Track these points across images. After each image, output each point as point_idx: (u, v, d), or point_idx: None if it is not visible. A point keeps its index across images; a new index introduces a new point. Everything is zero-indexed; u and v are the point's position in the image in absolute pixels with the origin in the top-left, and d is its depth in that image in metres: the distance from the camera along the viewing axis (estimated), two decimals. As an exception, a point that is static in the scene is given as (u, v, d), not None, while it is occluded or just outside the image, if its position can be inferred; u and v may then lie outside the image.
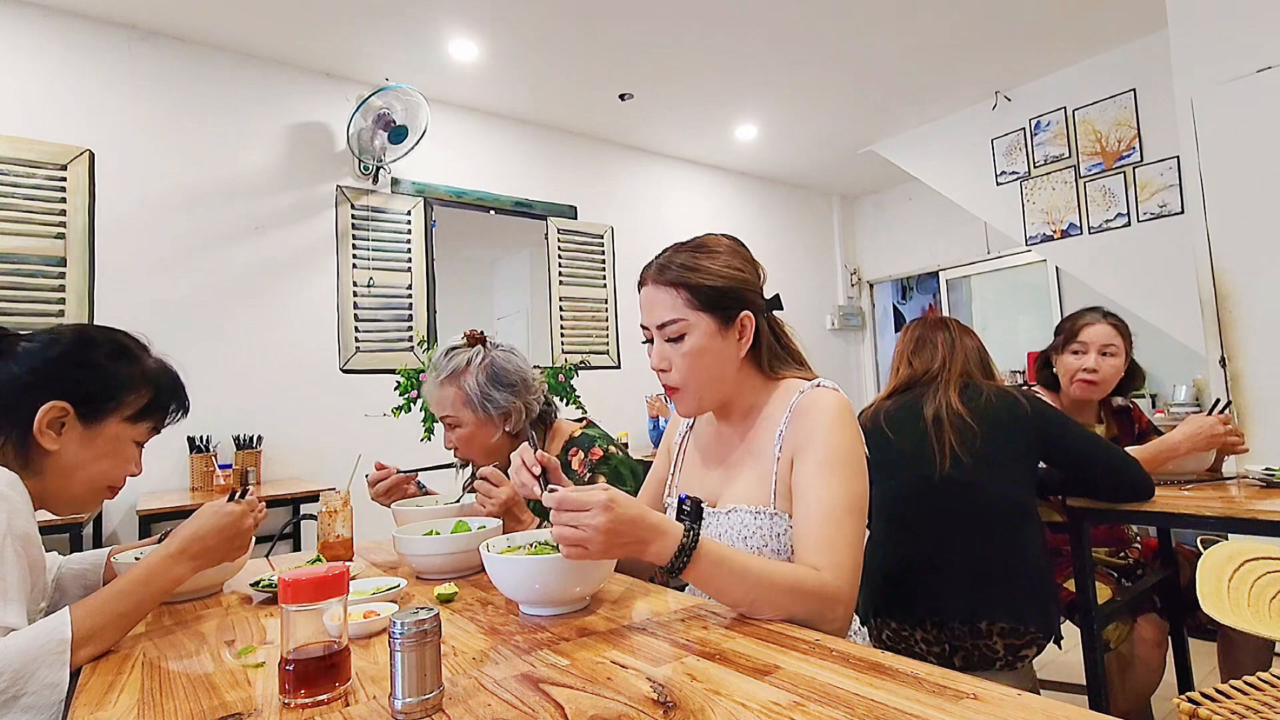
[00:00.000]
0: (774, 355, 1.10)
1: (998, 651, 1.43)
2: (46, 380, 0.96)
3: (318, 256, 3.34)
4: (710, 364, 1.04)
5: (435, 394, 1.51)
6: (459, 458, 1.55)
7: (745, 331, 1.06)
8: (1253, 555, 1.05)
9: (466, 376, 1.48)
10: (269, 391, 3.14)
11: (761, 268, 1.13)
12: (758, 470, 1.04)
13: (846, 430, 0.98)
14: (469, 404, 1.48)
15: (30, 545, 0.90)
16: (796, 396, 1.03)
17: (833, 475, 0.95)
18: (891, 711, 0.58)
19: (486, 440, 1.50)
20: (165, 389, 1.08)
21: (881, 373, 5.72)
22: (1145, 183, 3.53)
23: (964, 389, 1.59)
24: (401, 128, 3.28)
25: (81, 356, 1.00)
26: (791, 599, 0.85)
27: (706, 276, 1.04)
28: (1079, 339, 1.93)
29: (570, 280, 4.20)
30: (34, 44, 2.76)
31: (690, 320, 1.03)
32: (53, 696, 0.79)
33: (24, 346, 0.99)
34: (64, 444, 0.97)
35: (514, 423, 1.51)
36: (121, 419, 1.02)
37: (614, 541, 0.81)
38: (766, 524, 1.00)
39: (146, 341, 1.10)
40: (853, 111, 4.22)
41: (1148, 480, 1.60)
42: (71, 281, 2.74)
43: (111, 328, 1.08)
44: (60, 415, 0.96)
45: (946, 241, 5.19)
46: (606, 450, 1.49)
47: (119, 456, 1.03)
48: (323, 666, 0.68)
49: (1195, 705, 0.58)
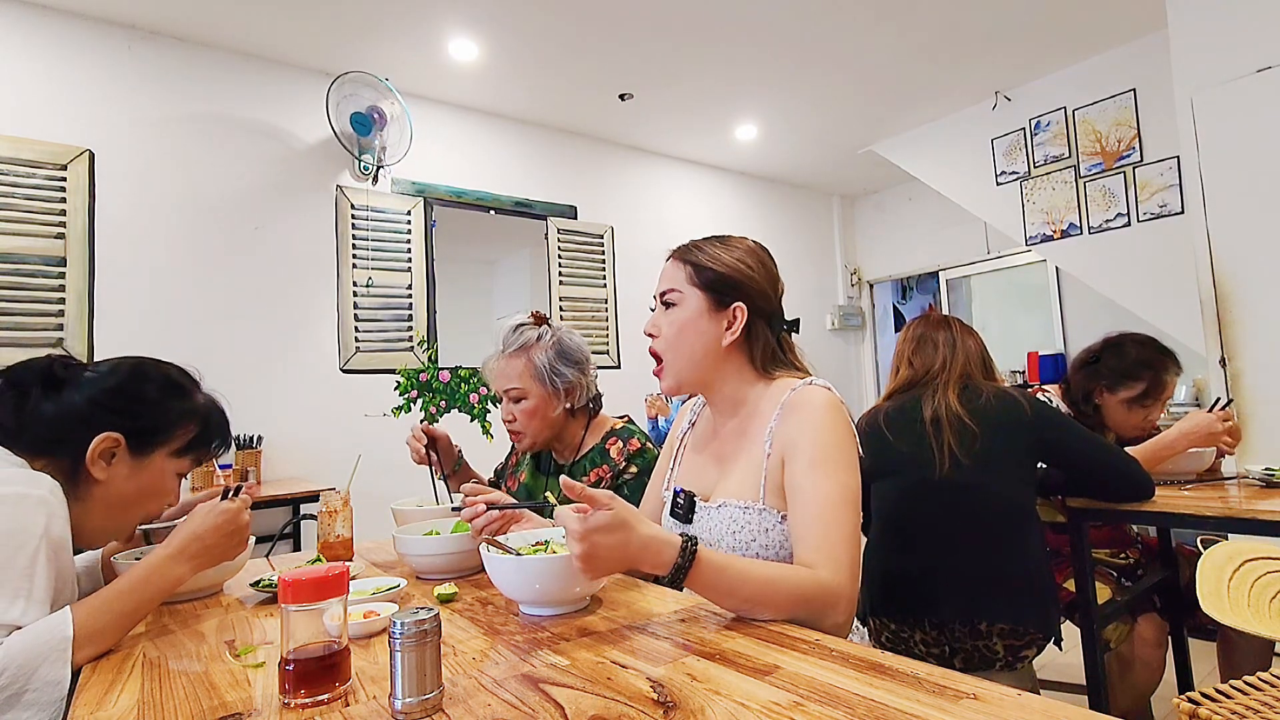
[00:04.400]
0: (770, 358, 1.12)
1: (997, 652, 1.43)
2: (102, 411, 0.99)
3: (317, 256, 3.33)
4: (690, 339, 1.09)
5: (501, 367, 1.53)
6: (517, 430, 1.54)
7: (735, 321, 1.09)
8: (1253, 555, 1.05)
9: (536, 350, 1.52)
10: (269, 391, 3.14)
11: (781, 283, 1.16)
12: (749, 466, 1.05)
13: (836, 426, 0.99)
14: (538, 377, 1.51)
15: (62, 551, 0.91)
16: (787, 394, 1.04)
17: (824, 472, 0.96)
18: (891, 711, 0.58)
19: (549, 414, 1.52)
20: (212, 425, 1.11)
21: (882, 373, 5.71)
22: (1145, 183, 3.53)
23: (963, 390, 1.58)
24: (365, 119, 3.26)
25: (136, 390, 1.03)
26: (792, 601, 0.86)
27: (713, 261, 1.10)
28: (1163, 394, 1.82)
29: (570, 280, 4.20)
30: (34, 44, 2.76)
31: (685, 293, 1.11)
32: (54, 694, 0.79)
33: (87, 376, 1.02)
34: (112, 474, 0.99)
35: (577, 399, 1.55)
36: (168, 453, 1.05)
37: (597, 566, 0.82)
38: (755, 519, 1.01)
39: (198, 376, 1.13)
40: (853, 111, 4.22)
41: (1148, 480, 1.60)
42: (71, 281, 2.74)
43: (166, 362, 1.11)
44: (113, 446, 0.99)
45: (946, 241, 5.19)
46: (644, 445, 1.52)
47: (160, 489, 1.06)
48: (323, 666, 0.68)
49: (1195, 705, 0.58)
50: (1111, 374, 1.85)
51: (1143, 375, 1.82)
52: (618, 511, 0.81)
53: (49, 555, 0.87)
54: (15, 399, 0.97)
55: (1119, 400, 1.85)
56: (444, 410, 3.61)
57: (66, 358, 1.04)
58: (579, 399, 1.56)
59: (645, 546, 0.82)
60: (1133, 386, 1.83)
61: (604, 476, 1.48)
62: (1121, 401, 1.85)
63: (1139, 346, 1.86)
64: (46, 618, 0.84)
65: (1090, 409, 1.90)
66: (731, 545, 1.02)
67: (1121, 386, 1.84)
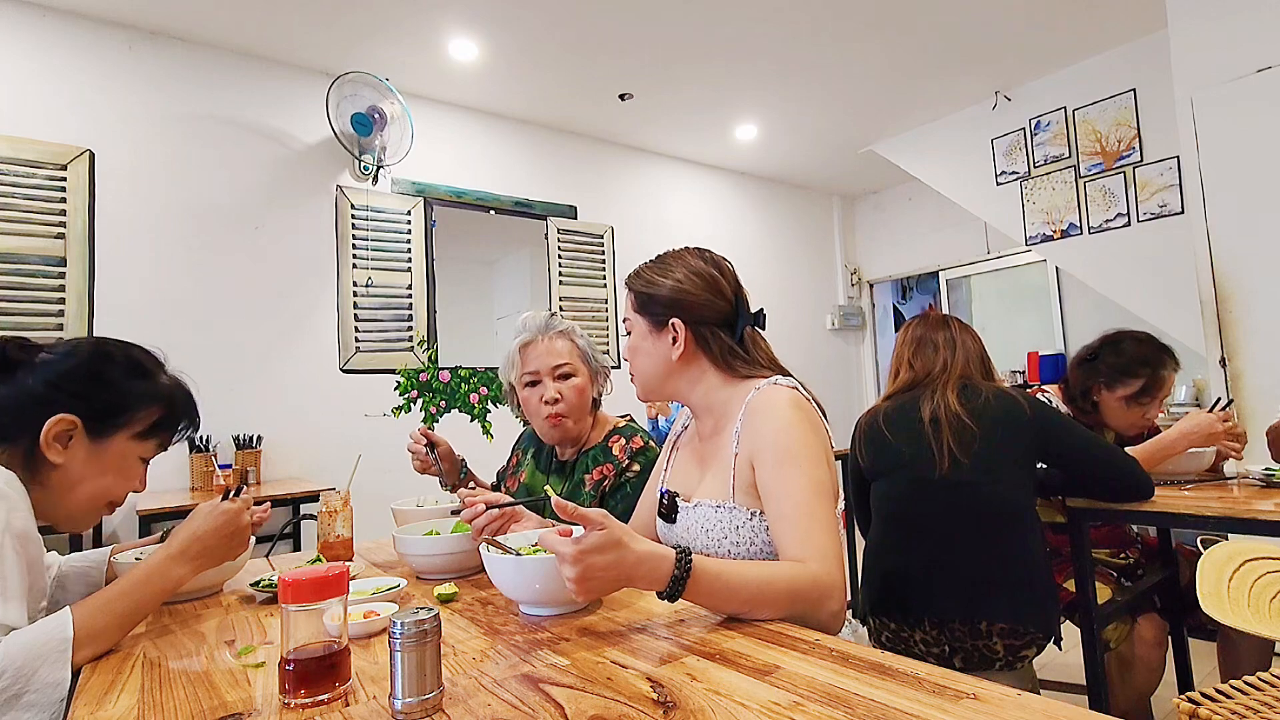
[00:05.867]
0: (734, 358, 1.13)
1: (997, 652, 1.43)
2: (58, 393, 0.96)
3: (317, 256, 3.33)
4: (643, 360, 1.17)
5: (548, 346, 1.51)
6: (559, 412, 1.48)
7: (677, 335, 1.13)
8: (1253, 555, 1.05)
9: (576, 335, 1.55)
10: (269, 391, 3.14)
11: (728, 284, 1.16)
12: (721, 467, 1.08)
13: (797, 424, 1.01)
14: (584, 358, 1.53)
15: (29, 543, 0.90)
16: (751, 394, 1.07)
17: (792, 469, 0.98)
18: (891, 711, 0.58)
19: (589, 397, 1.54)
20: (177, 407, 1.07)
21: (882, 373, 5.71)
22: (1145, 183, 3.53)
23: (963, 390, 1.58)
24: (366, 119, 3.26)
25: (95, 371, 1.00)
26: (788, 598, 0.87)
27: (646, 285, 1.17)
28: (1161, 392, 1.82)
29: (570, 280, 4.20)
30: (34, 44, 2.76)
31: (632, 319, 1.18)
32: (54, 695, 0.79)
33: (43, 358, 0.98)
34: (69, 458, 0.96)
35: (606, 388, 1.58)
36: (130, 436, 1.02)
37: (592, 588, 0.80)
38: (726, 517, 1.04)
39: (163, 358, 1.09)
40: (853, 111, 4.22)
41: (1148, 481, 1.60)
42: (71, 281, 2.74)
43: (128, 343, 1.07)
44: (68, 429, 0.96)
45: (946, 241, 5.19)
46: (647, 444, 1.52)
47: (123, 473, 1.03)
48: (323, 666, 0.68)
49: (1195, 705, 0.58)
50: (1110, 371, 1.84)
51: (1141, 372, 1.81)
52: (610, 531, 0.79)
53: (15, 549, 0.86)
54: None
55: (1117, 397, 1.85)
56: (444, 410, 3.61)
57: (21, 339, 1.00)
58: (603, 389, 1.58)
59: (640, 563, 0.81)
60: (1131, 383, 1.83)
61: (607, 474, 1.48)
62: (1120, 399, 1.84)
63: (1137, 343, 1.85)
64: (46, 619, 0.84)
65: (1089, 406, 1.90)
66: (705, 544, 1.05)
67: (1119, 384, 1.84)
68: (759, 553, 1.02)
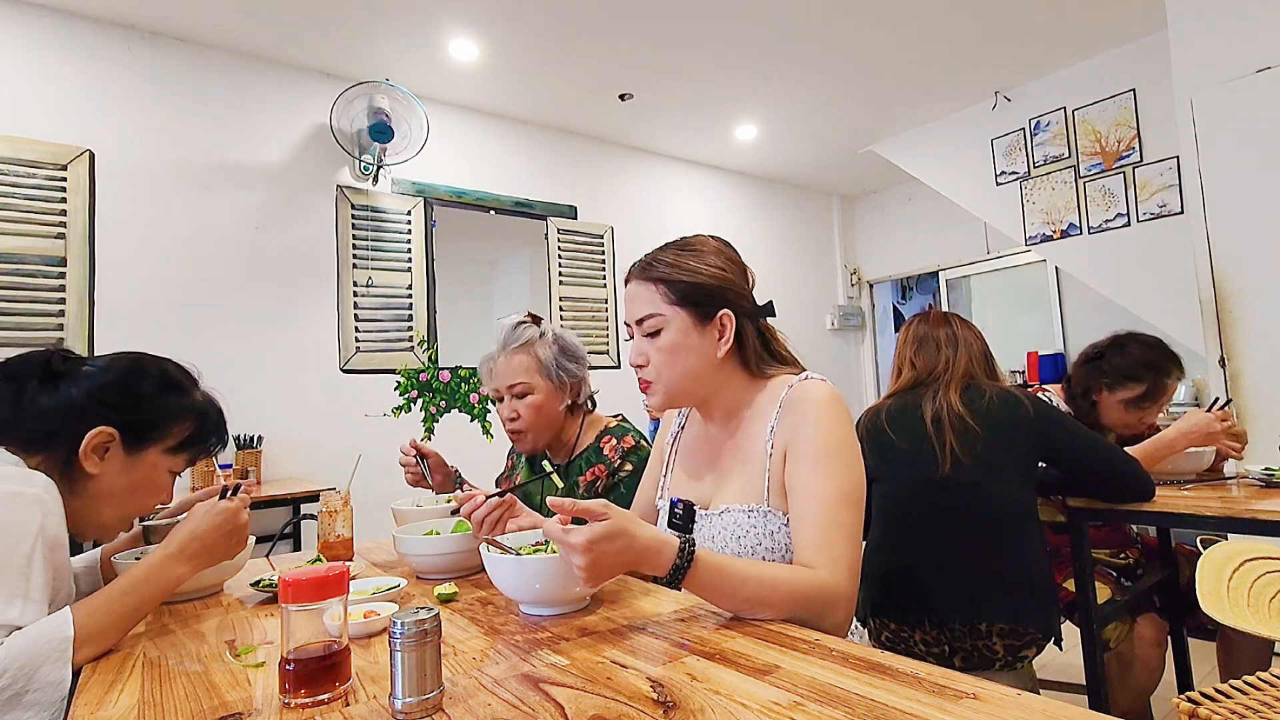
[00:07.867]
0: (761, 357, 1.09)
1: (997, 652, 1.43)
2: (98, 406, 0.98)
3: (317, 256, 3.33)
4: (684, 359, 1.04)
5: (504, 363, 1.53)
6: (517, 429, 1.52)
7: (725, 331, 1.05)
8: (1253, 555, 1.05)
9: (539, 346, 1.52)
10: (269, 391, 3.14)
11: (751, 272, 1.13)
12: (749, 468, 1.03)
13: (838, 421, 0.98)
14: (543, 371, 1.51)
15: (58, 550, 0.91)
16: (785, 391, 1.02)
17: (825, 469, 0.94)
18: (891, 711, 0.58)
19: (554, 409, 1.52)
20: (209, 423, 1.10)
21: (882, 373, 5.71)
22: (1145, 183, 3.53)
23: (965, 389, 1.58)
24: (387, 127, 3.27)
25: (133, 385, 1.03)
26: (791, 602, 0.86)
27: (685, 273, 1.05)
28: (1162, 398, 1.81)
29: (570, 280, 4.19)
30: (34, 44, 2.76)
31: (666, 315, 1.04)
32: (55, 694, 0.79)
33: (84, 370, 1.01)
34: (105, 469, 0.99)
35: (580, 394, 1.56)
36: (163, 449, 1.04)
37: (601, 575, 0.81)
38: (760, 522, 0.99)
39: (197, 374, 1.12)
40: (853, 111, 4.22)
41: (1148, 481, 1.60)
42: (71, 281, 2.74)
43: (164, 358, 1.10)
44: (107, 441, 0.98)
45: (946, 241, 5.19)
46: (638, 442, 1.51)
47: (153, 485, 1.05)
48: (323, 666, 0.68)
49: (1195, 705, 0.58)
50: (1113, 373, 1.83)
51: (1144, 377, 1.80)
52: (615, 520, 0.80)
53: (45, 554, 0.87)
54: (12, 392, 0.97)
55: (1117, 400, 1.84)
56: (444, 410, 3.61)
57: (65, 351, 1.03)
58: (580, 395, 1.56)
59: (645, 549, 0.82)
60: (1133, 388, 1.82)
61: (599, 475, 1.48)
62: (1120, 401, 1.84)
63: (1144, 348, 1.83)
64: (47, 618, 0.84)
65: (1088, 405, 1.89)
66: (737, 550, 1.00)
67: (1121, 386, 1.83)
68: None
